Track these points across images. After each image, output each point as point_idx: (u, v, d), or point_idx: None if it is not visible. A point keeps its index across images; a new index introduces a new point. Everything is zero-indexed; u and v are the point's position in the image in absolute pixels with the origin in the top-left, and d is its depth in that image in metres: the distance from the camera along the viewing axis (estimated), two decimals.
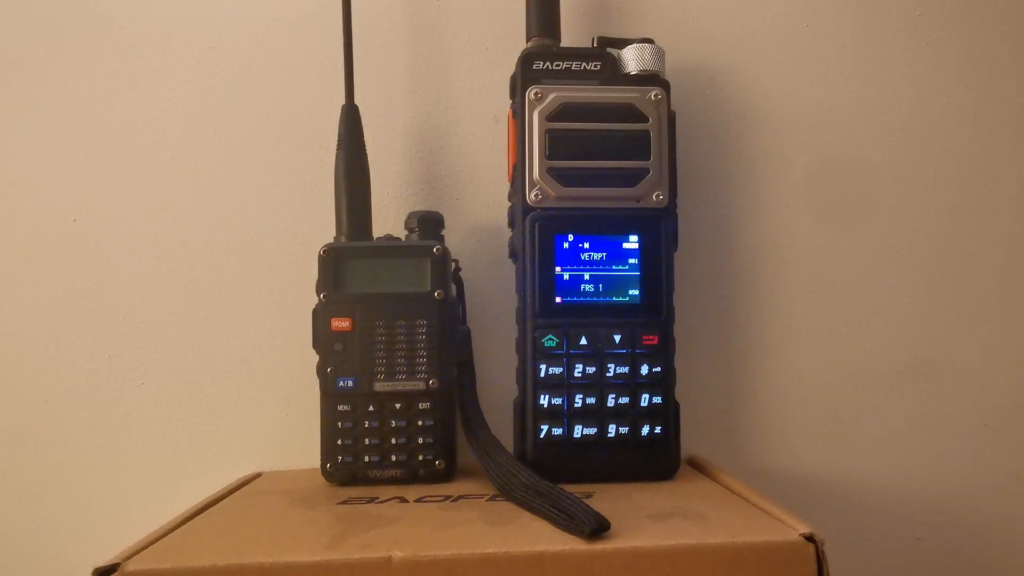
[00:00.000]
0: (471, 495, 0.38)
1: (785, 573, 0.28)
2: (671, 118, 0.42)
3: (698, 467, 0.45)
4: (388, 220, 0.48)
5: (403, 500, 0.37)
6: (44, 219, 0.48)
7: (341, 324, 0.41)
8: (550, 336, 0.41)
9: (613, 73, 0.42)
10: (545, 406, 0.40)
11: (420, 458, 0.41)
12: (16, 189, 0.48)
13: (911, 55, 0.51)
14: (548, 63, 0.42)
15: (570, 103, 0.41)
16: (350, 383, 0.41)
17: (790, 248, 0.50)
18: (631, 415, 0.40)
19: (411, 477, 0.41)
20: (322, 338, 0.41)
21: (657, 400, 0.41)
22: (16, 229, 0.48)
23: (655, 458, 0.41)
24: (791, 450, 0.50)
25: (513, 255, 0.43)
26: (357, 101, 0.44)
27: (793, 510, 0.32)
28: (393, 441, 0.41)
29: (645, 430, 0.40)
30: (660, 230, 0.41)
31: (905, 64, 0.51)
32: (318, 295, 0.41)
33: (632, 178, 0.41)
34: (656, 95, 0.41)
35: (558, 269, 0.41)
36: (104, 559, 0.27)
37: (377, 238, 0.43)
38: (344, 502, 0.37)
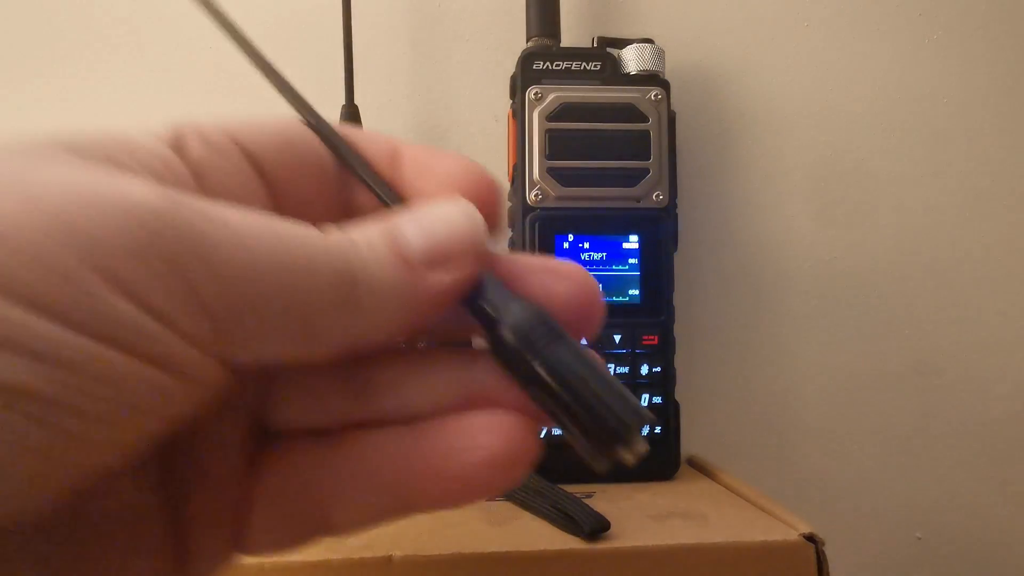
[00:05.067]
0: None
1: (785, 573, 0.28)
2: (671, 118, 0.42)
3: (698, 467, 0.45)
4: None
5: None
6: None
7: None
8: None
9: (613, 73, 0.42)
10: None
11: None
12: None
13: (911, 55, 0.51)
14: (548, 63, 0.42)
15: (570, 103, 0.41)
16: None
17: (790, 248, 0.50)
18: None
19: None
20: None
21: (657, 400, 0.41)
22: None
23: (655, 458, 0.41)
24: (791, 450, 0.50)
25: None
26: (357, 101, 0.44)
27: (793, 510, 0.32)
28: None
29: (645, 430, 0.40)
30: (660, 230, 0.41)
31: (905, 64, 0.51)
32: None
33: (632, 178, 0.41)
34: (656, 95, 0.41)
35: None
36: None
37: None
38: None
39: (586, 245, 0.41)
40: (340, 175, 0.17)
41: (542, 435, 0.16)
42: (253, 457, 0.17)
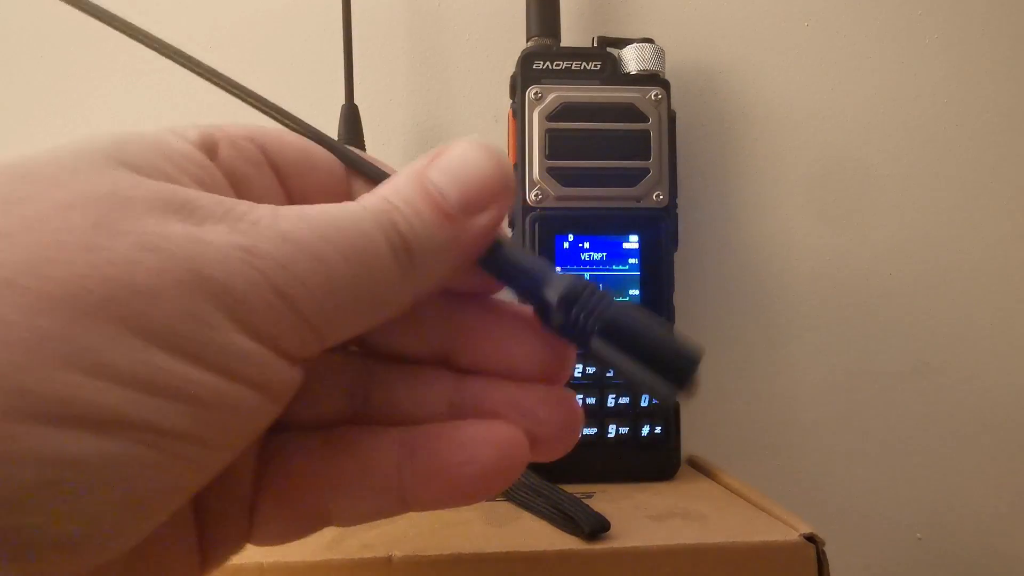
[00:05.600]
0: None
1: (785, 573, 0.28)
2: (671, 118, 0.42)
3: (698, 467, 0.45)
4: None
5: None
6: None
7: None
8: None
9: (613, 73, 0.42)
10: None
11: None
12: None
13: (912, 55, 0.51)
14: (548, 63, 0.42)
15: (570, 103, 0.41)
16: None
17: (790, 248, 0.50)
18: (631, 415, 0.40)
19: None
20: None
21: (657, 400, 0.41)
22: None
23: (655, 458, 0.41)
24: (791, 450, 0.50)
25: None
26: (357, 101, 0.44)
27: (793, 510, 0.32)
28: None
29: (645, 430, 0.40)
30: (660, 230, 0.41)
31: (906, 64, 0.51)
32: None
33: (632, 178, 0.41)
34: (656, 95, 0.41)
35: (558, 269, 0.41)
36: None
37: None
38: None
39: (586, 245, 0.41)
40: (349, 183, 0.18)
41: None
42: (262, 451, 0.17)
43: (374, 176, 0.17)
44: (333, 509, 0.17)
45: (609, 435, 0.40)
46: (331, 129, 0.44)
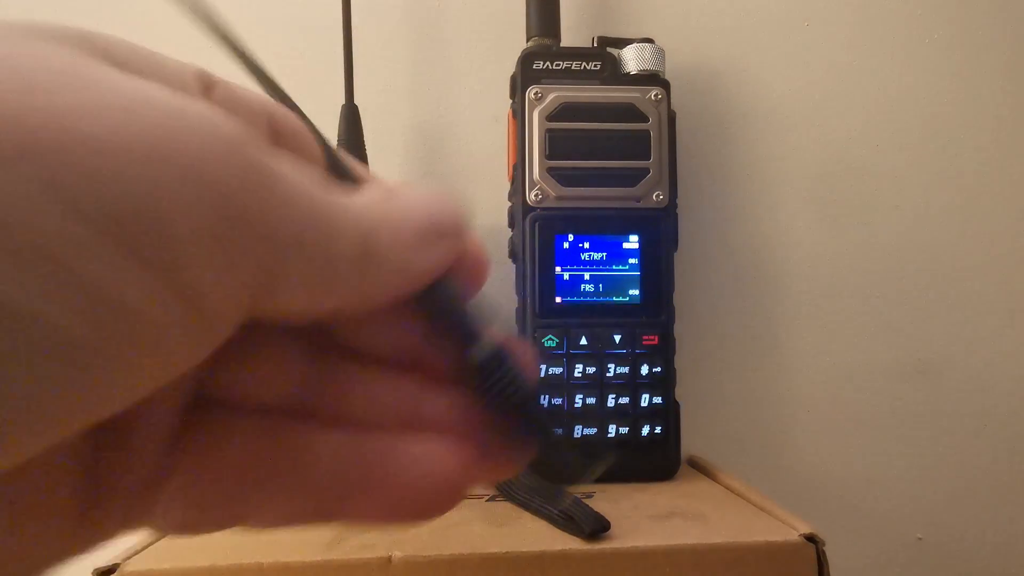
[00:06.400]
0: (471, 495, 0.38)
1: (785, 573, 0.28)
2: (671, 118, 0.42)
3: (698, 467, 0.45)
4: None
5: None
6: None
7: None
8: (550, 336, 0.41)
9: (613, 73, 0.42)
10: (545, 406, 0.40)
11: None
12: None
13: (911, 55, 0.51)
14: (548, 63, 0.42)
15: (570, 103, 0.41)
16: None
17: (790, 248, 0.51)
18: (631, 415, 0.40)
19: None
20: None
21: (657, 400, 0.41)
22: None
23: (655, 458, 0.41)
24: (791, 450, 0.50)
25: (513, 255, 0.43)
26: (357, 101, 0.44)
27: (793, 510, 0.32)
28: None
29: (645, 430, 0.40)
30: (660, 230, 0.41)
31: (905, 64, 0.51)
32: None
33: (632, 178, 0.41)
34: (656, 95, 0.41)
35: (558, 269, 0.41)
36: (104, 559, 0.27)
37: None
38: None
39: (586, 245, 0.41)
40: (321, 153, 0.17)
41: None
42: (183, 423, 0.15)
43: (347, 176, 0.17)
44: (250, 503, 0.15)
45: (609, 435, 0.40)
46: (331, 129, 0.44)
